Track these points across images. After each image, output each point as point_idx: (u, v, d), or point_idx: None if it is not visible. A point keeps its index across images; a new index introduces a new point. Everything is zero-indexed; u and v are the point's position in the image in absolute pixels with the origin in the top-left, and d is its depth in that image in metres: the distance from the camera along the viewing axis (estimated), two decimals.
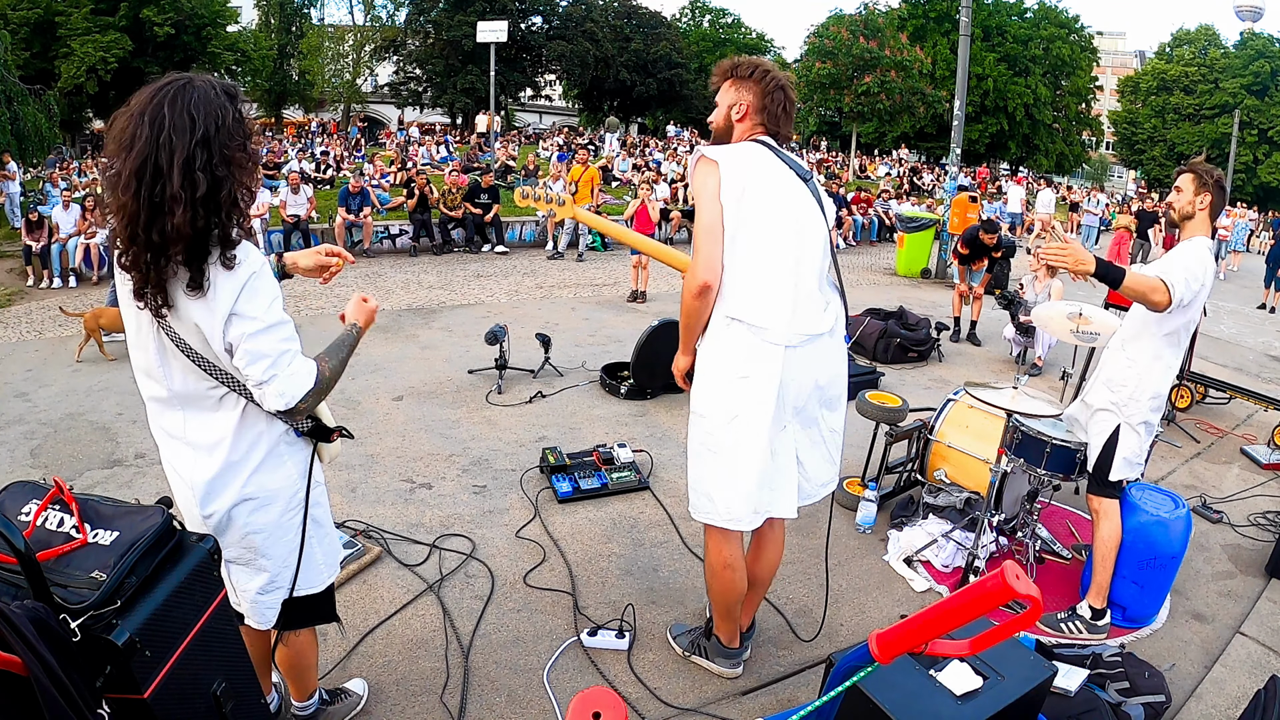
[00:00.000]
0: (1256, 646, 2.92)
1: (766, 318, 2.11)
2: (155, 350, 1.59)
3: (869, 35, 24.01)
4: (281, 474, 1.73)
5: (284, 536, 1.76)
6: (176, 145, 1.38)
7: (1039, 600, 1.10)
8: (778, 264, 2.13)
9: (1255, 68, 32.80)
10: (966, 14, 11.07)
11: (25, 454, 4.04)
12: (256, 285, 1.52)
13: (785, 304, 2.12)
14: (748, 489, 2.18)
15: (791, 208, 2.17)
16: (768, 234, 2.12)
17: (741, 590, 2.39)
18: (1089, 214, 16.52)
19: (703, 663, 2.60)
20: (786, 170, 2.19)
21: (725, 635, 2.53)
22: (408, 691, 2.40)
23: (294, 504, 1.76)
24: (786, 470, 2.24)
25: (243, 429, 1.65)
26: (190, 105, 1.40)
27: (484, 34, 14.22)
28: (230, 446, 1.65)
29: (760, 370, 2.12)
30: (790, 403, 2.18)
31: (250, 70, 26.54)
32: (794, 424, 2.23)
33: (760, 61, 2.27)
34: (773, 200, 2.14)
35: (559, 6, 32.52)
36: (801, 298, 2.15)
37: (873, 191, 17.62)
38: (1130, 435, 2.82)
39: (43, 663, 1.23)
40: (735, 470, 2.18)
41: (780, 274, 2.13)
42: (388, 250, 11.06)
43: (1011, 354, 6.93)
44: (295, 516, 1.77)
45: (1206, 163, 2.79)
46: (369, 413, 4.73)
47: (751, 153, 2.17)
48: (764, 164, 2.17)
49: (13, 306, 7.53)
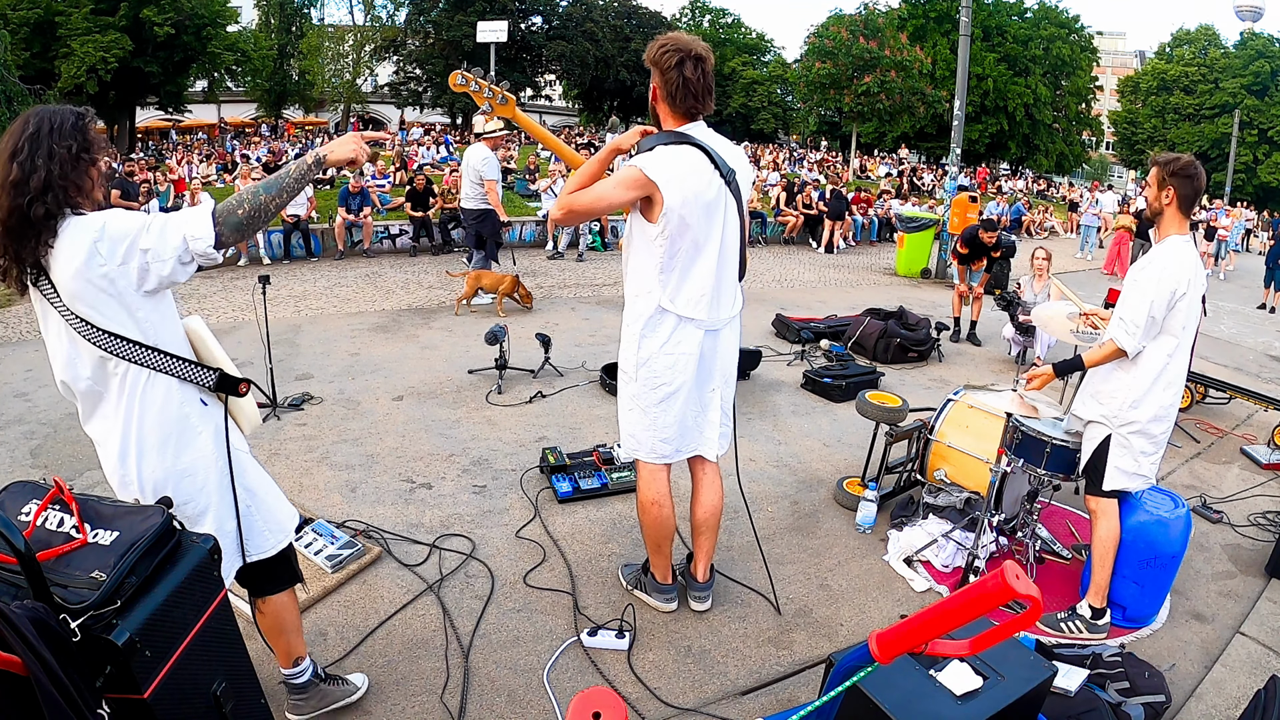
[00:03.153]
0: (1256, 646, 2.92)
1: (693, 311, 2.44)
2: (68, 345, 1.69)
3: (869, 35, 24.01)
4: (196, 447, 1.79)
5: (213, 507, 1.82)
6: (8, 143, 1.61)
7: (1039, 600, 1.10)
8: (705, 268, 2.41)
9: (1255, 68, 32.79)
10: (966, 14, 11.07)
11: (25, 454, 4.04)
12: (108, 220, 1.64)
13: (708, 299, 2.44)
14: (668, 435, 2.57)
15: (717, 215, 2.38)
16: (695, 236, 2.35)
17: (668, 526, 2.70)
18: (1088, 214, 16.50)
19: (642, 596, 2.90)
20: (713, 175, 2.33)
21: (659, 572, 2.83)
22: (408, 691, 2.40)
23: (217, 473, 1.82)
24: (708, 422, 2.63)
25: (145, 410, 1.72)
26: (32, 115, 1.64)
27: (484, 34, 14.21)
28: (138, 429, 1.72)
29: (683, 344, 2.46)
30: (709, 371, 2.55)
31: (250, 70, 26.51)
32: (708, 387, 2.58)
33: (667, 41, 2.29)
34: (702, 213, 2.34)
35: (559, 6, 32.53)
36: (722, 291, 2.47)
37: (873, 191, 17.64)
38: (1121, 447, 2.75)
39: (43, 663, 1.23)
40: (657, 423, 2.55)
41: (706, 275, 2.42)
42: (388, 250, 11.05)
43: (1011, 354, 6.94)
44: (221, 485, 1.83)
45: (1174, 153, 2.70)
46: (369, 413, 4.73)
47: (679, 158, 2.28)
48: (690, 168, 2.29)
49: (13, 306, 7.52)
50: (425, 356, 5.96)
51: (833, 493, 3.93)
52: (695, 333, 2.46)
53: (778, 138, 38.42)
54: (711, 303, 2.45)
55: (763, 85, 37.06)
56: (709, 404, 2.61)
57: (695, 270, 2.40)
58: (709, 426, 2.64)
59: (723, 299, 2.49)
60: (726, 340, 2.58)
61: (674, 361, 2.47)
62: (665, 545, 2.76)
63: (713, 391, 2.60)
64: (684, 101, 2.30)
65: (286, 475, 3.84)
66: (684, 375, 2.49)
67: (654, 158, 2.25)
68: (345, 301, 7.76)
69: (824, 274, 11.35)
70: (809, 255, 13.16)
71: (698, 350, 2.48)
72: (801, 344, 6.56)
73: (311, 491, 3.68)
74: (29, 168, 1.58)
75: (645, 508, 2.68)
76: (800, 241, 14.11)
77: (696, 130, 2.35)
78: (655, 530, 2.71)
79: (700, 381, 2.55)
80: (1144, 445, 2.75)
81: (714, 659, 2.64)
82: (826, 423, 5.01)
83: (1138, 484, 2.82)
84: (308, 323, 6.94)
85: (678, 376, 2.48)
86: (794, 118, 38.05)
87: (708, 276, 2.42)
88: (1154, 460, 2.80)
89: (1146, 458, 2.77)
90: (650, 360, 2.48)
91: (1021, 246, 11.21)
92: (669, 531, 2.73)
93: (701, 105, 2.32)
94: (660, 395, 2.51)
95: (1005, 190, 24.25)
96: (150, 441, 1.73)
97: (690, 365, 2.48)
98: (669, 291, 2.41)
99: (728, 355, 2.61)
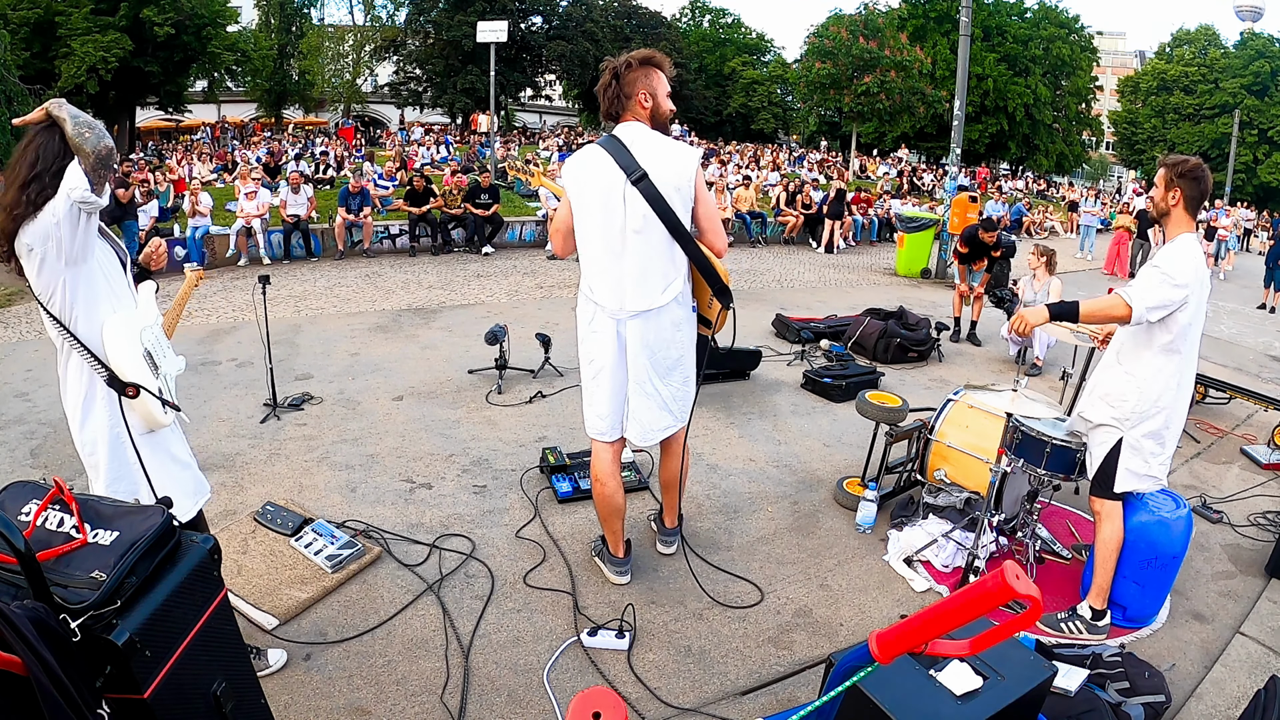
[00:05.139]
0: (1256, 646, 2.92)
1: (599, 295, 2.67)
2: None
3: (869, 35, 24.02)
4: (95, 419, 2.08)
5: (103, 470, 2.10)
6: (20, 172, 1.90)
7: (1039, 600, 1.10)
8: (601, 256, 2.62)
9: (1255, 68, 32.79)
10: (966, 14, 11.07)
11: (25, 454, 4.04)
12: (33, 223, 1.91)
13: (611, 286, 2.63)
14: (599, 412, 2.80)
15: (611, 206, 2.55)
16: (592, 232, 2.61)
17: (612, 503, 2.90)
18: (1087, 214, 16.49)
19: (599, 564, 3.12)
20: (613, 171, 2.53)
21: (610, 544, 3.04)
22: (408, 691, 2.40)
23: (116, 442, 2.09)
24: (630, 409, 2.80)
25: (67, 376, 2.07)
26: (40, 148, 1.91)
27: (484, 34, 14.18)
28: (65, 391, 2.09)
29: (601, 330, 2.70)
30: (629, 358, 2.71)
31: (250, 70, 26.52)
32: (632, 376, 2.73)
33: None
34: (594, 203, 2.58)
35: (559, 6, 32.50)
36: (628, 282, 2.61)
37: (873, 191, 17.63)
38: (1133, 450, 2.74)
39: (43, 663, 1.23)
40: (592, 399, 2.82)
41: (604, 265, 2.62)
42: (388, 250, 11.06)
43: (1010, 354, 6.94)
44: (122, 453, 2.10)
45: (1182, 155, 2.71)
46: (369, 413, 4.73)
47: (584, 159, 2.63)
48: (591, 168, 2.58)
49: (13, 306, 7.52)
50: (425, 356, 5.96)
51: (833, 493, 3.93)
52: (607, 320, 2.68)
53: (778, 138, 38.41)
54: (614, 292, 2.63)
55: (763, 85, 37.05)
56: (632, 392, 2.76)
57: (593, 259, 2.64)
58: (631, 413, 2.79)
59: (626, 291, 2.62)
60: (640, 331, 2.67)
61: (597, 341, 2.72)
62: (613, 521, 2.96)
63: (635, 382, 2.74)
64: (601, 110, 2.66)
65: (286, 475, 3.84)
66: (605, 357, 2.72)
67: (569, 158, 2.65)
68: (345, 301, 7.77)
69: (824, 274, 11.35)
70: (809, 255, 13.16)
71: (613, 335, 2.69)
72: (801, 344, 6.56)
73: (311, 491, 3.68)
74: (40, 200, 1.87)
75: (593, 485, 2.94)
76: (800, 241, 14.10)
77: (622, 131, 2.59)
78: (601, 506, 2.94)
79: (619, 366, 2.74)
80: (1154, 447, 2.73)
81: (714, 659, 2.64)
82: (826, 423, 5.01)
83: (1149, 485, 2.80)
84: (308, 323, 6.94)
85: (600, 356, 2.73)
86: (794, 118, 38.04)
87: (606, 267, 2.62)
88: (1164, 461, 2.77)
89: (1156, 459, 2.75)
90: (583, 339, 2.78)
91: (1022, 246, 11.21)
92: (614, 508, 2.92)
93: (614, 110, 2.62)
94: (591, 372, 2.79)
95: (1005, 190, 24.25)
96: (69, 399, 2.09)
97: (608, 348, 2.71)
98: (585, 278, 2.72)
99: (646, 347, 2.69)
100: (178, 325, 2.73)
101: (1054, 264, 6.61)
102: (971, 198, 12.57)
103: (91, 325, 2.02)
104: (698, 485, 3.91)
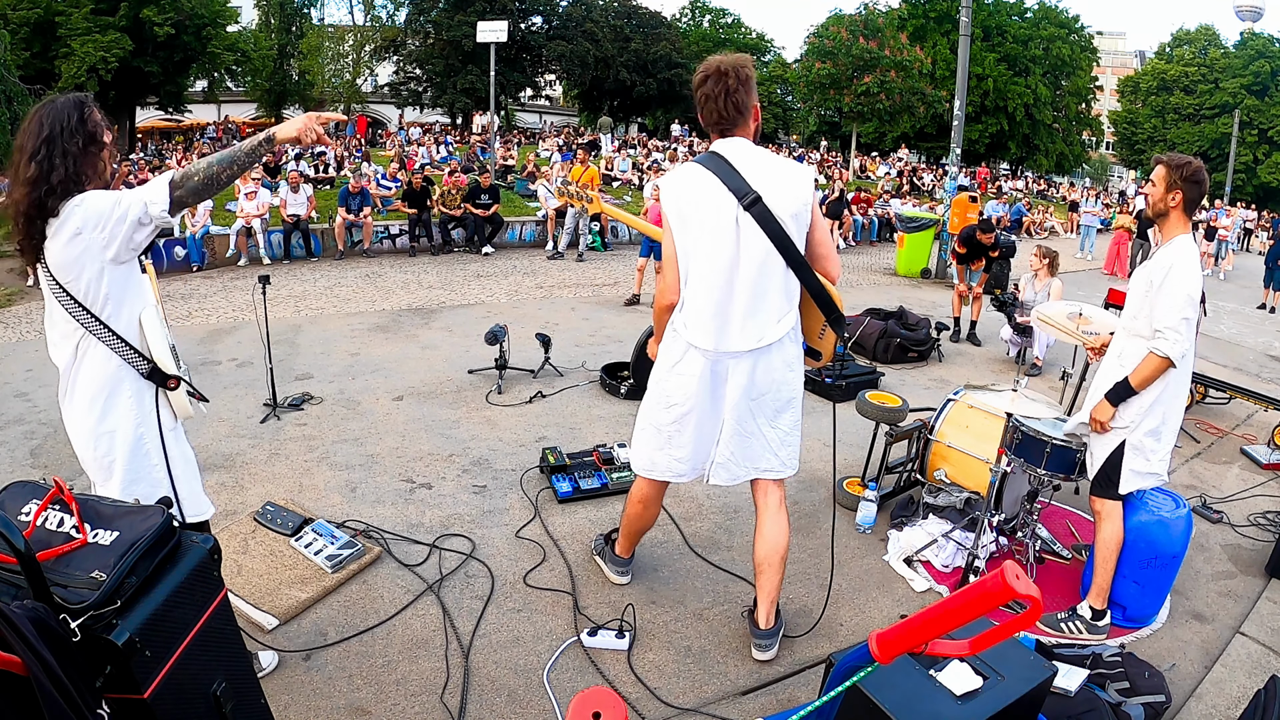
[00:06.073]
0: (1256, 646, 2.92)
1: (697, 335, 2.38)
2: (49, 306, 1.93)
3: (869, 35, 24.01)
4: (118, 413, 1.98)
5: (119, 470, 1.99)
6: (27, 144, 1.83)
7: (1039, 600, 1.10)
8: (706, 290, 2.33)
9: (1255, 68, 32.79)
10: (966, 14, 11.07)
11: (25, 454, 4.04)
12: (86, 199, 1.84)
13: (715, 323, 2.35)
14: (679, 455, 2.54)
15: (721, 236, 2.27)
16: (698, 262, 2.32)
17: (645, 523, 2.83)
18: (1088, 214, 16.50)
19: (599, 563, 3.07)
20: (722, 195, 2.24)
21: (620, 547, 2.98)
22: (408, 691, 2.40)
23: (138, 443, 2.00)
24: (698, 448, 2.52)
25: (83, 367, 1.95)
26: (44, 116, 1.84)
27: (484, 34, 14.18)
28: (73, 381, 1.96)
29: (689, 371, 2.43)
30: (726, 402, 2.45)
31: (250, 70, 26.48)
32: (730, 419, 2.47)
33: (704, 64, 2.32)
34: (701, 228, 2.29)
35: (559, 6, 32.49)
36: (736, 318, 2.33)
37: (873, 191, 17.63)
38: (1135, 450, 2.75)
39: (43, 663, 1.23)
40: (671, 442, 2.53)
41: (710, 297, 2.33)
42: (388, 250, 11.05)
43: (1010, 354, 6.94)
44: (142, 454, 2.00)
45: (1184, 156, 2.71)
46: (369, 413, 4.73)
47: (687, 180, 2.31)
48: (696, 191, 2.29)
49: (13, 306, 7.53)
50: (425, 356, 5.96)
51: (834, 493, 3.92)
52: (700, 359, 2.40)
53: (778, 138, 38.41)
54: (718, 330, 2.34)
55: (763, 85, 36.88)
56: (728, 435, 2.49)
57: (696, 294, 2.34)
58: (719, 458, 2.52)
59: (733, 328, 2.34)
60: (747, 372, 2.40)
61: (681, 384, 2.44)
62: (636, 535, 2.91)
63: (735, 422, 2.47)
64: (712, 122, 2.30)
65: (286, 475, 3.84)
66: (692, 400, 2.44)
67: (666, 177, 2.41)
68: (345, 301, 7.76)
69: None
70: None
71: (706, 376, 2.41)
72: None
73: (311, 491, 3.68)
74: (48, 167, 1.80)
75: (632, 502, 2.80)
76: None
77: (726, 148, 2.29)
78: (634, 522, 2.86)
79: (711, 411, 2.46)
80: (1154, 445, 2.76)
81: (714, 659, 2.64)
82: (826, 423, 5.01)
83: (1152, 482, 2.82)
84: (308, 323, 6.94)
85: (684, 400, 2.45)
86: (794, 118, 38.03)
87: (712, 301, 2.32)
88: (1164, 456, 2.80)
89: (1157, 455, 2.78)
90: (662, 379, 2.50)
91: (1022, 247, 11.21)
92: (644, 527, 2.88)
93: (726, 121, 2.27)
94: (670, 416, 2.50)
95: (1005, 190, 24.25)
96: (80, 394, 1.96)
97: (698, 390, 2.42)
98: (682, 313, 2.41)
99: (752, 389, 2.43)
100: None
101: (1056, 266, 6.61)
102: (971, 198, 12.57)
103: (130, 316, 1.95)
104: (697, 485, 3.91)
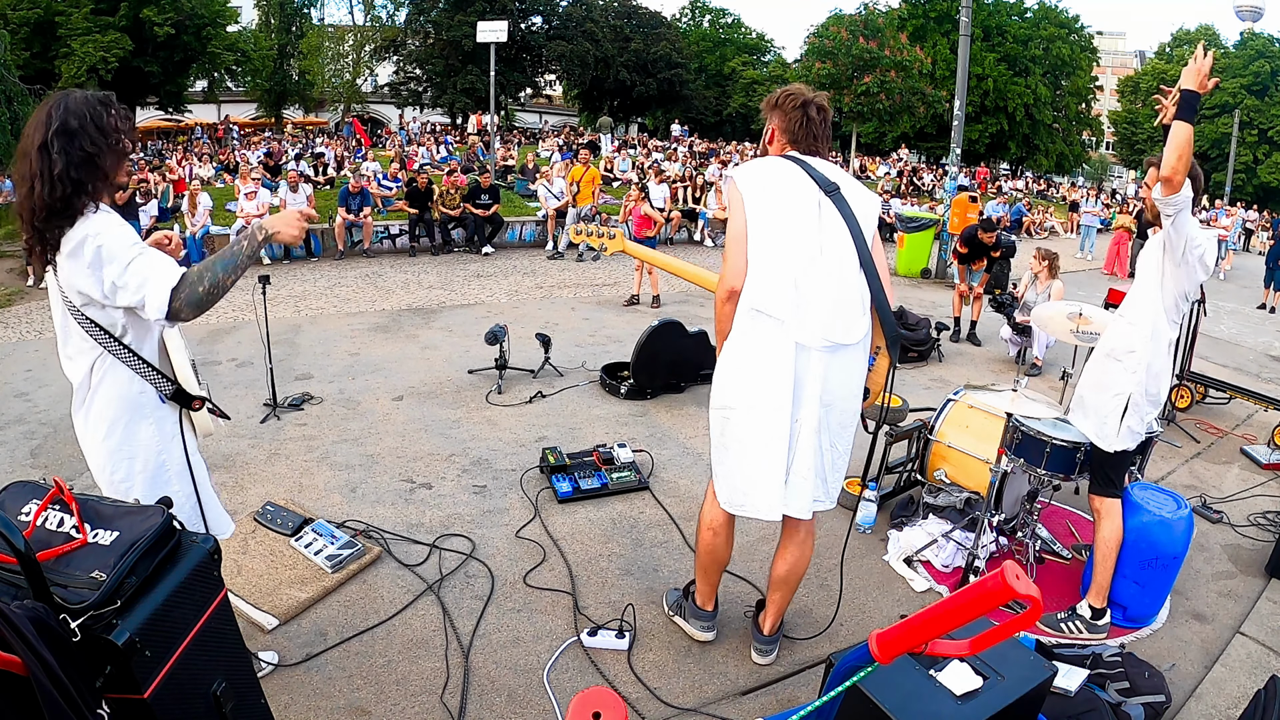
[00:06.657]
0: (1256, 646, 2.92)
1: (775, 306, 2.16)
2: (63, 320, 1.82)
3: (869, 35, 24.02)
4: (139, 437, 1.89)
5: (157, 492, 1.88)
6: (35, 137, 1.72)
7: (1039, 600, 1.10)
8: (788, 274, 2.18)
9: (1255, 68, 32.77)
10: (966, 14, 11.06)
11: (25, 454, 4.04)
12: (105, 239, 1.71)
13: (804, 308, 2.16)
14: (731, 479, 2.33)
15: (805, 213, 2.24)
16: (778, 244, 2.20)
17: (720, 556, 2.54)
18: (1088, 214, 16.50)
19: (679, 621, 2.77)
20: (805, 180, 2.28)
21: (700, 596, 2.69)
22: (408, 691, 2.40)
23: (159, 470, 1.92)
24: (773, 471, 2.25)
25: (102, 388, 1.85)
26: (53, 108, 1.74)
27: (484, 34, 14.16)
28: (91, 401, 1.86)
29: (769, 363, 2.18)
30: (802, 404, 2.21)
31: (250, 70, 26.52)
32: (805, 425, 2.23)
33: (789, 89, 2.44)
34: (784, 203, 2.24)
35: (559, 6, 32.51)
36: (827, 305, 2.18)
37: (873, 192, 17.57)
38: (1134, 408, 2.77)
39: (43, 663, 1.23)
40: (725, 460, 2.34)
41: (793, 283, 2.17)
42: (388, 250, 11.06)
43: (1009, 354, 6.94)
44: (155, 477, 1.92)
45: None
46: (369, 413, 4.73)
47: (768, 164, 2.33)
48: (779, 173, 2.30)
49: (13, 306, 7.53)
50: (425, 356, 5.96)
51: None
52: (785, 347, 2.16)
53: None
54: (808, 316, 2.16)
55: (763, 85, 36.97)
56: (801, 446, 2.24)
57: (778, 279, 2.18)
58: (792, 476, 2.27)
59: (823, 316, 2.17)
60: (829, 370, 2.20)
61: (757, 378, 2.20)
62: (713, 573, 2.60)
63: (808, 432, 2.23)
64: (805, 140, 2.36)
65: (286, 475, 3.84)
66: (771, 398, 2.18)
67: (744, 166, 2.37)
68: (345, 301, 7.76)
69: None
70: None
71: (788, 370, 2.16)
72: None
73: (311, 491, 3.68)
74: (59, 161, 1.70)
75: (701, 529, 2.54)
76: None
77: (803, 157, 2.35)
78: (705, 556, 2.56)
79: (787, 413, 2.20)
80: (1149, 409, 2.82)
81: (714, 659, 2.64)
82: None
83: (1134, 443, 2.84)
84: (308, 323, 6.94)
85: (762, 400, 2.20)
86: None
87: (794, 287, 2.16)
88: (1150, 420, 2.87)
89: (1150, 417, 2.85)
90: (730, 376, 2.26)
91: (1022, 247, 11.21)
92: (720, 561, 2.56)
93: (818, 143, 2.38)
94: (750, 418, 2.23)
95: (1005, 190, 24.23)
96: (98, 416, 1.86)
97: (776, 386, 2.17)
98: (756, 297, 2.19)
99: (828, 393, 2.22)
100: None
101: (1056, 267, 6.61)
102: (971, 198, 12.57)
103: (153, 338, 1.89)
104: (698, 485, 3.90)
